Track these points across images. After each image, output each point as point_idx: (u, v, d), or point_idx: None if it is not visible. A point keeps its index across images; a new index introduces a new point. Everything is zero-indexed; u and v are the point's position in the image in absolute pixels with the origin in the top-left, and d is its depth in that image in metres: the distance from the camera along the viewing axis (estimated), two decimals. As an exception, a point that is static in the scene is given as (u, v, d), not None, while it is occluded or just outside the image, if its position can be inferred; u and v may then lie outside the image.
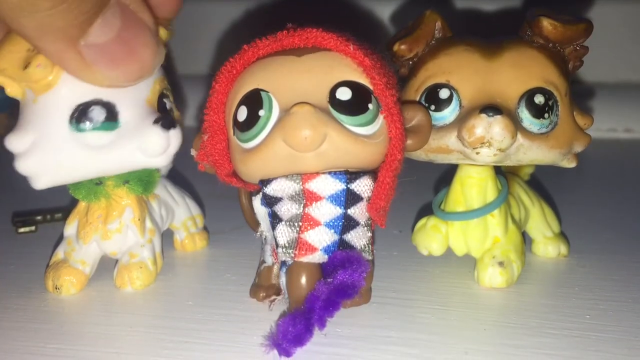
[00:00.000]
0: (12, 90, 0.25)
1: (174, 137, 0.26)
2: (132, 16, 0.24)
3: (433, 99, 0.26)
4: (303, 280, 0.24)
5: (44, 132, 0.25)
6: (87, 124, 0.25)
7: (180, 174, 0.38)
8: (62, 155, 0.25)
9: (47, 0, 0.21)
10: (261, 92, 0.23)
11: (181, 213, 0.32)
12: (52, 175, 0.25)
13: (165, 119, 0.26)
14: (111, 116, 0.25)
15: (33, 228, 0.36)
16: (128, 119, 0.25)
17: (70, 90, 0.25)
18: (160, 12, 0.26)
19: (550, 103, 0.26)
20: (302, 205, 0.23)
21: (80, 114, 0.25)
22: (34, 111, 0.25)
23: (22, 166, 0.25)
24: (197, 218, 0.33)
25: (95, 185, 0.27)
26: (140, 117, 0.26)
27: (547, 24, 0.26)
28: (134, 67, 0.24)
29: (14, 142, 0.25)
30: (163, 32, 0.27)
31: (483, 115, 0.24)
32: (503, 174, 0.31)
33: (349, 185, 0.23)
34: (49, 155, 0.25)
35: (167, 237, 0.32)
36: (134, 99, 0.26)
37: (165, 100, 0.28)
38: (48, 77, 0.24)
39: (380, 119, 0.24)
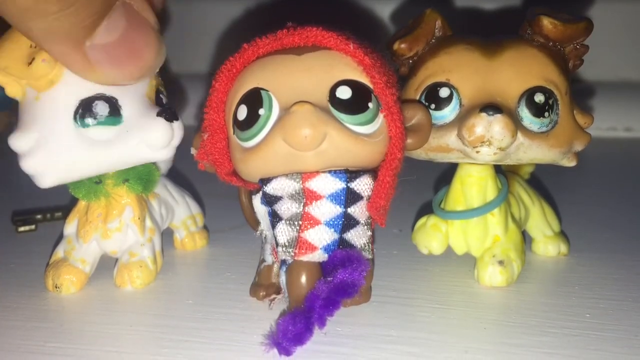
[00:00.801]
0: (12, 89, 0.25)
1: (178, 129, 0.26)
2: (136, 16, 0.24)
3: (433, 97, 0.26)
4: (303, 279, 0.24)
5: (48, 129, 0.25)
6: (92, 119, 0.25)
7: (180, 173, 0.38)
8: (67, 152, 0.25)
9: (55, 4, 0.21)
10: (261, 91, 0.23)
11: (181, 212, 0.32)
12: (58, 172, 0.25)
13: (168, 111, 0.26)
14: (114, 111, 0.25)
15: (33, 227, 0.36)
16: (130, 114, 0.25)
17: (74, 86, 0.25)
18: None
19: (550, 102, 0.26)
20: (302, 204, 0.23)
21: (84, 109, 0.25)
22: (36, 109, 0.25)
23: (28, 165, 0.25)
24: (197, 217, 0.33)
25: (95, 184, 0.27)
26: (142, 111, 0.26)
27: (547, 22, 0.26)
28: (136, 67, 0.24)
29: (17, 142, 0.25)
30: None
31: (483, 114, 0.24)
32: (503, 172, 0.31)
33: (349, 184, 0.23)
34: (54, 153, 0.25)
35: (167, 236, 0.32)
36: (134, 93, 0.26)
37: (161, 95, 0.28)
38: (51, 73, 0.24)
39: (380, 118, 0.24)
